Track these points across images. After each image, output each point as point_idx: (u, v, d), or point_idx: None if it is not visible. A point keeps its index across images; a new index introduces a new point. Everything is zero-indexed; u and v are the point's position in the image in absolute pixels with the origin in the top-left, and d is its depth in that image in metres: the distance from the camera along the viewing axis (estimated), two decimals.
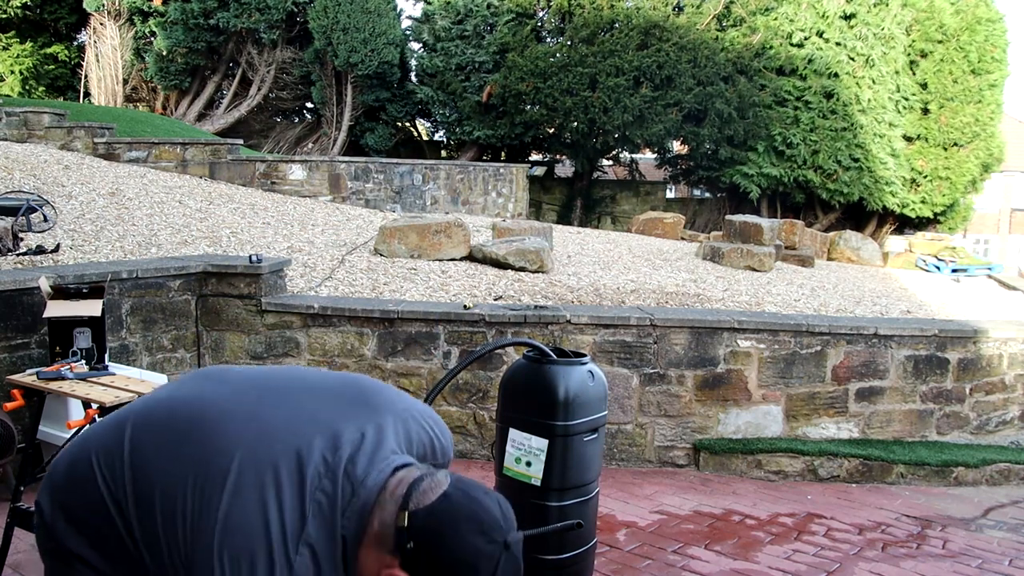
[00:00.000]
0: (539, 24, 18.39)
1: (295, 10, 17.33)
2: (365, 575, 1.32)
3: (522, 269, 6.75)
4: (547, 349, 3.04)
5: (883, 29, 16.37)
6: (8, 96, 15.29)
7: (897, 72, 16.73)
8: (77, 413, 3.61)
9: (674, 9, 17.33)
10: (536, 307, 5.18)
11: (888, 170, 16.59)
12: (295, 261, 6.18)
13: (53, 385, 3.00)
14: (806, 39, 16.75)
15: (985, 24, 16.56)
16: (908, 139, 17.15)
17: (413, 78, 18.44)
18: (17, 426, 3.54)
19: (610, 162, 21.00)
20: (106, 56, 16.66)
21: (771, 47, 16.89)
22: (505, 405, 3.05)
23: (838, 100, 16.57)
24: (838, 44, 16.59)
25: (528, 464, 2.92)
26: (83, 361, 3.38)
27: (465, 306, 5.01)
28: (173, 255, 5.72)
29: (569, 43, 17.41)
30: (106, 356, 3.64)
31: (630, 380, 4.99)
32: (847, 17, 16.59)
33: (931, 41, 16.74)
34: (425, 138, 21.08)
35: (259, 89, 17.57)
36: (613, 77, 16.44)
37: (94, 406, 2.86)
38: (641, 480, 4.79)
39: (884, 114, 16.59)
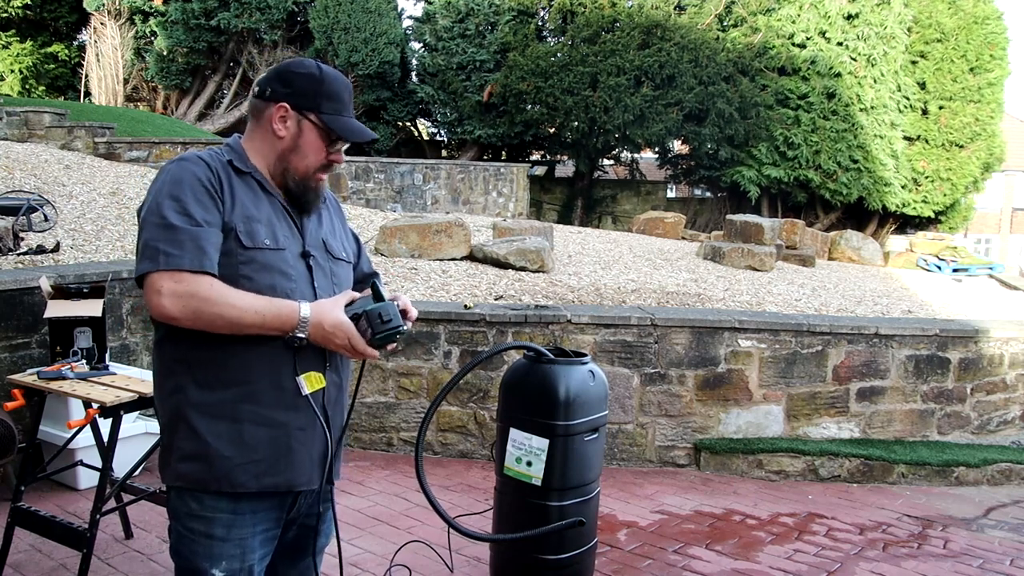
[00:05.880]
0: (541, 23, 18.39)
1: (296, 10, 17.34)
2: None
3: (523, 269, 6.74)
4: (548, 352, 3.04)
5: (885, 28, 16.36)
6: (8, 96, 15.29)
7: (897, 72, 16.72)
8: (78, 413, 3.61)
9: (676, 8, 17.32)
10: (537, 307, 5.18)
11: (888, 171, 16.58)
12: None
13: (54, 385, 3.00)
14: (808, 39, 16.74)
15: (983, 23, 16.54)
16: (909, 139, 17.15)
17: (414, 77, 18.44)
18: (18, 426, 3.54)
19: (611, 162, 20.99)
20: (107, 56, 16.66)
21: (772, 47, 16.88)
22: (506, 405, 3.05)
23: (839, 100, 16.56)
24: (840, 44, 16.57)
25: (529, 464, 2.91)
26: (84, 361, 3.37)
27: (466, 306, 5.00)
28: None
29: (570, 42, 17.40)
30: (107, 356, 3.63)
31: (631, 380, 4.99)
32: (850, 17, 16.58)
33: (930, 41, 16.74)
34: (426, 138, 21.08)
35: None
36: (614, 76, 16.43)
37: (95, 406, 2.85)
38: (642, 480, 4.79)
39: (885, 114, 16.59)
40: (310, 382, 1.75)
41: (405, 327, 1.76)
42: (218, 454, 1.70)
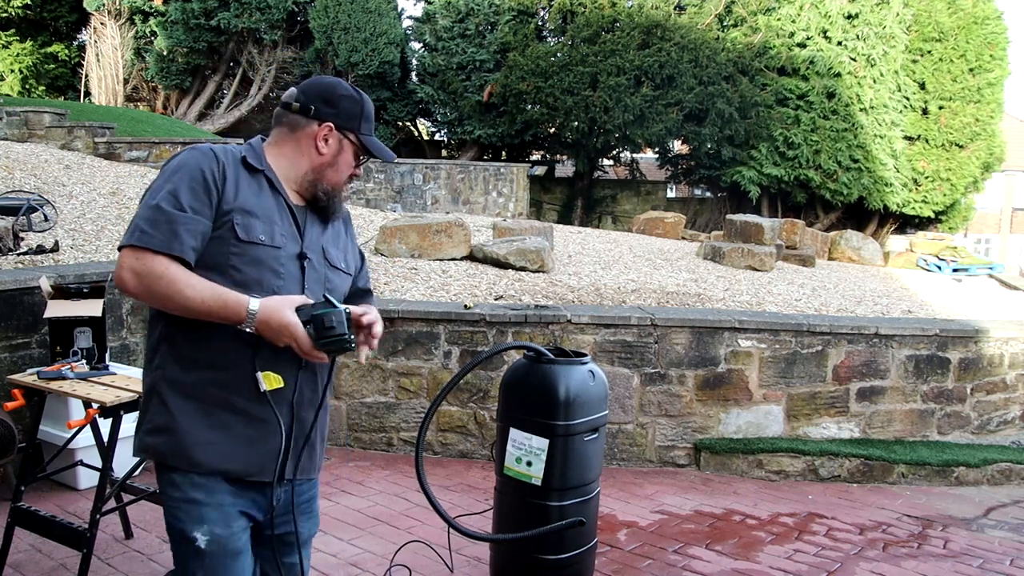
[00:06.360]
0: (541, 23, 18.40)
1: (296, 10, 17.33)
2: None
3: (523, 269, 6.74)
4: (548, 352, 3.04)
5: (884, 28, 16.36)
6: (8, 96, 15.29)
7: (897, 72, 16.73)
8: (78, 413, 3.61)
9: (676, 8, 17.33)
10: (537, 307, 5.18)
11: (888, 171, 16.59)
12: None
13: (54, 385, 3.00)
14: (808, 39, 16.75)
15: (983, 23, 16.54)
16: (909, 139, 17.15)
17: (414, 77, 18.44)
18: (18, 426, 3.54)
19: (611, 162, 20.99)
20: (107, 56, 16.66)
21: (772, 47, 16.89)
22: (506, 405, 3.05)
23: (839, 100, 16.57)
24: (839, 44, 16.58)
25: (529, 464, 2.91)
26: (84, 361, 3.37)
27: (466, 306, 5.00)
28: None
29: (570, 42, 17.41)
30: (107, 356, 3.63)
31: (631, 380, 4.99)
32: (850, 16, 16.58)
33: (929, 40, 16.73)
34: (426, 138, 21.08)
35: (260, 89, 17.58)
36: (614, 76, 16.43)
37: (95, 406, 2.86)
38: (642, 480, 4.79)
39: (885, 114, 16.60)
40: (268, 380, 1.79)
41: (350, 337, 1.76)
42: (182, 430, 1.78)
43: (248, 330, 1.72)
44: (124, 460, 3.37)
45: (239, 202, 1.78)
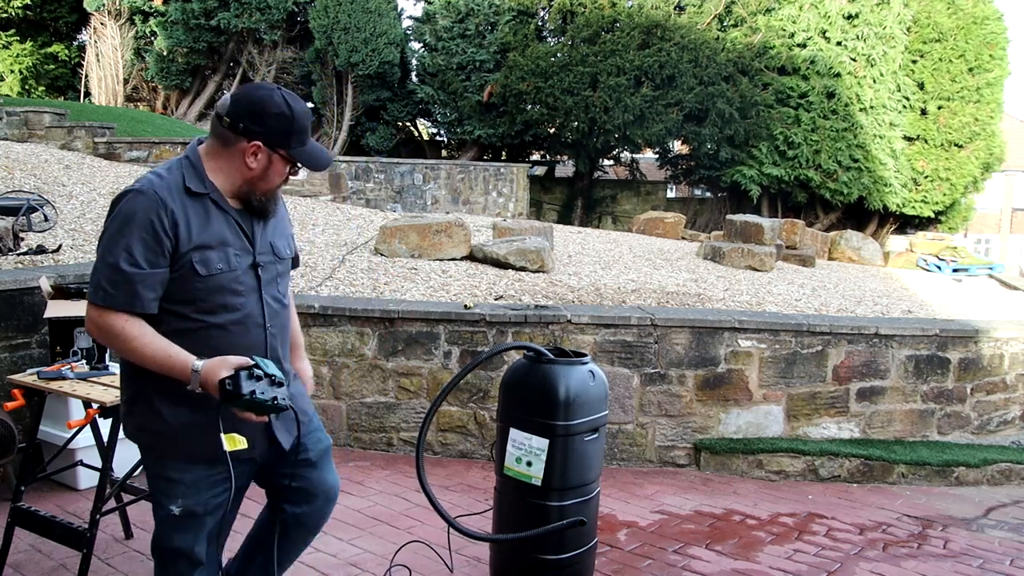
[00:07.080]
0: (541, 23, 18.39)
1: (296, 10, 17.34)
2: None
3: (523, 269, 6.74)
4: (548, 352, 3.04)
5: (884, 28, 16.37)
6: (8, 96, 15.29)
7: (896, 72, 16.73)
8: (78, 413, 3.61)
9: (676, 8, 17.33)
10: (537, 307, 5.18)
11: (888, 170, 16.59)
12: None
13: (54, 385, 3.00)
14: (808, 39, 16.75)
15: (982, 23, 16.54)
16: (909, 139, 17.15)
17: (414, 78, 18.44)
18: (18, 426, 3.54)
19: (611, 162, 20.99)
20: (106, 56, 16.66)
21: (772, 47, 16.89)
22: (506, 405, 3.05)
23: (839, 100, 16.56)
24: (839, 44, 16.58)
25: (529, 464, 2.91)
26: (84, 361, 3.37)
27: (466, 306, 5.00)
28: None
29: (570, 42, 17.40)
30: (107, 356, 3.63)
31: (631, 380, 4.99)
32: (849, 17, 16.59)
33: (929, 41, 16.74)
34: (426, 138, 21.08)
35: None
36: (614, 76, 16.43)
37: (95, 406, 2.86)
38: (642, 480, 4.79)
39: (885, 114, 16.60)
40: (231, 441, 1.89)
41: (253, 397, 1.81)
42: (174, 432, 1.97)
43: (198, 390, 1.84)
44: (124, 460, 3.37)
45: (193, 241, 1.89)
